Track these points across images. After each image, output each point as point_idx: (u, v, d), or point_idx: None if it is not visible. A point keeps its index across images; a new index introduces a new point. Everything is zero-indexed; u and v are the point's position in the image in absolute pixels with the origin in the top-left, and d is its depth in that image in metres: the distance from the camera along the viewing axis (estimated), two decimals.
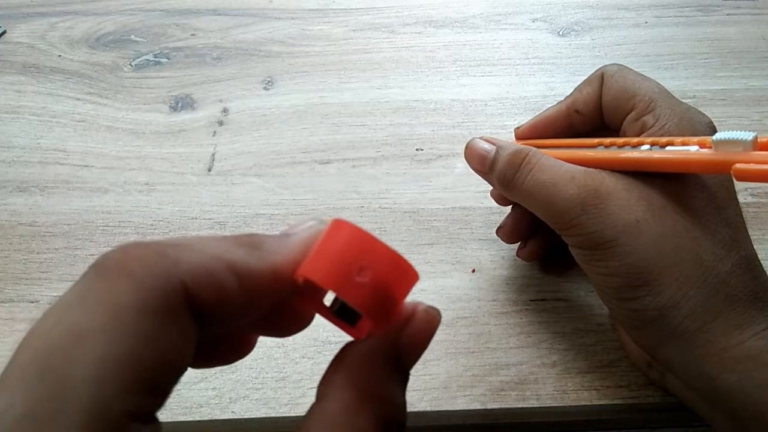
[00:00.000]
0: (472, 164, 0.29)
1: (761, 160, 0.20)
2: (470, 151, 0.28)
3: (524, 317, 0.31)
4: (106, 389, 0.12)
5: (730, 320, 0.23)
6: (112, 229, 0.36)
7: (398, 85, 0.44)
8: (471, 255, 0.34)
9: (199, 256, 0.14)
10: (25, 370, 0.13)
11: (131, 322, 0.13)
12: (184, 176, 0.39)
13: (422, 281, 0.33)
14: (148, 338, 0.13)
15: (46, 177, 0.39)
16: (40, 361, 0.13)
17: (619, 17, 0.49)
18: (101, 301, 0.13)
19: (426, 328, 0.17)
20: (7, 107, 0.43)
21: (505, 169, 0.26)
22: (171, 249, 0.14)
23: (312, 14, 0.50)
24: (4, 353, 0.30)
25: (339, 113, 0.42)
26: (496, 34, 0.48)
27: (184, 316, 0.14)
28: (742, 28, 0.47)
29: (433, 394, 0.28)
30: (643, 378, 0.29)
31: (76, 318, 0.13)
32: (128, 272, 0.13)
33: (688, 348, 0.23)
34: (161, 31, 0.49)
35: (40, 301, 0.32)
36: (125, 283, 0.13)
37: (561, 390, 0.28)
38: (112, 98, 0.44)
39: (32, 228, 0.36)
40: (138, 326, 0.13)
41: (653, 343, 0.24)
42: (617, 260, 0.24)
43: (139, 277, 0.13)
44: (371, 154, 0.39)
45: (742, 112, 0.41)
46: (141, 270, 0.13)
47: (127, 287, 0.13)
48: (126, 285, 0.13)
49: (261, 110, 0.43)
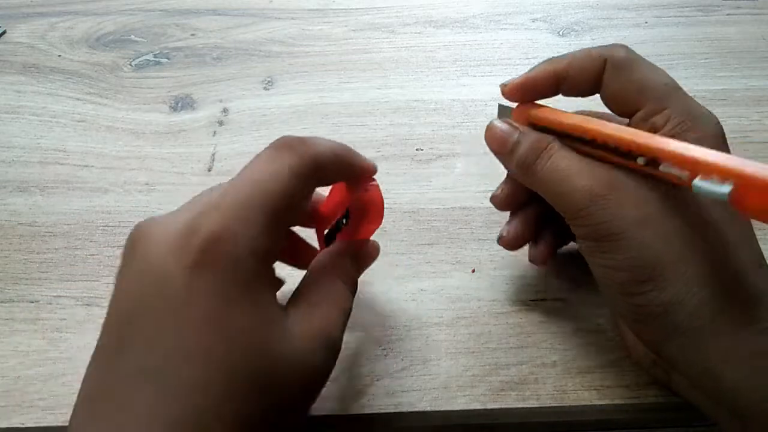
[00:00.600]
0: (493, 146, 0.28)
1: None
2: (491, 133, 0.28)
3: (524, 317, 0.31)
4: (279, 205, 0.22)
5: (736, 318, 0.23)
6: (112, 229, 0.36)
7: (398, 85, 0.44)
8: (471, 255, 0.34)
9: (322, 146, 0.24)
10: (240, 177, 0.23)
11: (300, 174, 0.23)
12: (184, 176, 0.39)
13: (422, 281, 0.33)
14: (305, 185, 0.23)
15: (46, 177, 0.39)
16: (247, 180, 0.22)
17: (619, 17, 0.49)
18: (275, 161, 0.23)
19: (373, 250, 0.29)
20: (7, 107, 0.43)
21: (527, 154, 0.26)
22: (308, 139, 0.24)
23: (312, 14, 0.50)
24: (4, 353, 0.30)
25: (339, 113, 0.42)
26: (496, 34, 0.48)
27: (314, 178, 0.24)
28: (742, 28, 0.47)
29: (433, 394, 0.28)
30: (643, 378, 0.29)
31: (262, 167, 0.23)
32: (293, 148, 0.23)
33: (692, 345, 0.23)
34: (161, 31, 0.49)
35: (40, 301, 0.32)
36: (298, 153, 0.23)
37: (561, 390, 0.28)
38: (112, 98, 0.44)
39: (32, 228, 0.36)
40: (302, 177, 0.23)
41: (657, 339, 0.24)
42: (623, 253, 0.23)
43: (306, 152, 0.23)
44: (371, 154, 0.39)
45: (742, 112, 0.41)
46: (305, 150, 0.23)
47: (299, 154, 0.23)
48: (297, 154, 0.23)
49: (261, 110, 0.43)
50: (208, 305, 0.20)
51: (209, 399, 0.19)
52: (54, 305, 0.32)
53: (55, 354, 0.30)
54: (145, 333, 0.20)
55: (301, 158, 0.23)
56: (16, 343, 0.31)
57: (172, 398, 0.19)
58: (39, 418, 0.28)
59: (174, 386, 0.19)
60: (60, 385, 0.29)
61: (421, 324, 0.31)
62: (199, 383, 0.19)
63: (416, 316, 0.31)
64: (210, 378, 0.20)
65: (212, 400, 0.19)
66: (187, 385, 0.19)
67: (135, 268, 0.21)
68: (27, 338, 0.31)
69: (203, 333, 0.20)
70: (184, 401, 0.19)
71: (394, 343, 0.30)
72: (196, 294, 0.20)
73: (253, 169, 0.23)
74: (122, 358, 0.20)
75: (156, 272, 0.21)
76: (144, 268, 0.21)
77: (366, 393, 0.28)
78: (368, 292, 0.32)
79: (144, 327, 0.20)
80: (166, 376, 0.19)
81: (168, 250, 0.21)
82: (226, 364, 0.20)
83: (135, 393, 0.19)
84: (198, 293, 0.20)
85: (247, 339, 0.20)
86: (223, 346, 0.20)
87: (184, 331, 0.20)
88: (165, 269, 0.20)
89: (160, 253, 0.21)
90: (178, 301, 0.20)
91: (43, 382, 0.29)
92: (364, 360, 0.30)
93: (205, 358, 0.20)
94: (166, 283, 0.20)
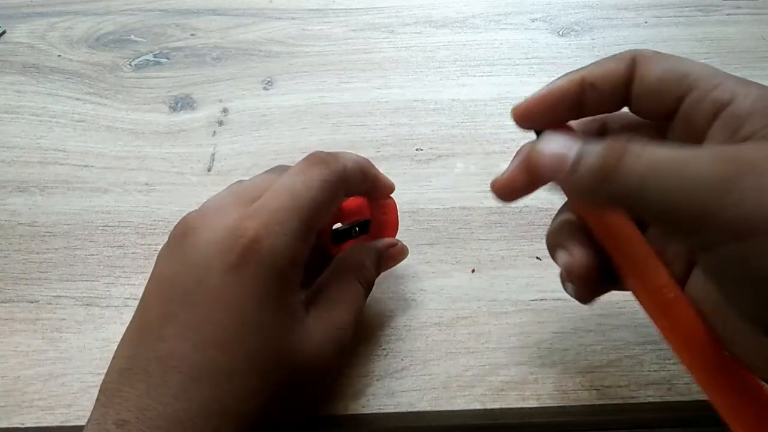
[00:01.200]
0: (545, 170, 0.21)
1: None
2: (538, 156, 0.21)
3: (524, 317, 0.31)
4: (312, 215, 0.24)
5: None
6: (111, 229, 0.36)
7: (398, 85, 0.44)
8: (471, 255, 0.34)
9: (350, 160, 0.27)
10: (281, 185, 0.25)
11: (331, 187, 0.25)
12: (184, 176, 0.39)
13: (422, 281, 0.33)
14: (334, 197, 0.26)
15: (45, 177, 0.39)
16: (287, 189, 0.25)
17: (619, 17, 0.49)
18: (307, 173, 0.25)
19: (399, 251, 0.31)
20: (6, 107, 0.43)
21: (602, 161, 0.19)
22: (337, 153, 0.27)
23: (312, 14, 0.50)
24: (3, 353, 0.30)
25: (339, 113, 0.42)
26: (496, 34, 0.48)
27: (342, 191, 0.26)
28: (742, 28, 0.47)
29: (432, 394, 0.28)
30: (643, 378, 0.29)
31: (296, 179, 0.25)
32: (324, 162, 0.26)
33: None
34: (161, 31, 0.49)
35: (40, 301, 0.32)
36: (332, 169, 0.26)
37: (561, 390, 0.28)
38: (111, 98, 0.44)
39: (32, 228, 0.36)
40: (333, 190, 0.26)
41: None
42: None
43: (337, 167, 0.26)
44: (371, 154, 0.39)
45: None
46: (336, 166, 0.26)
47: (332, 170, 0.26)
48: (331, 169, 0.26)
49: (261, 110, 0.43)
50: (243, 302, 0.23)
51: (237, 384, 0.22)
52: (54, 305, 0.32)
53: (54, 354, 0.30)
54: (182, 318, 0.23)
55: (331, 171, 0.26)
56: (15, 343, 0.31)
57: (205, 382, 0.22)
58: (38, 418, 0.28)
59: (207, 371, 0.22)
60: (59, 385, 0.29)
61: (421, 324, 0.31)
62: (229, 370, 0.22)
63: (416, 316, 0.31)
64: (239, 367, 0.22)
65: (239, 385, 0.22)
66: (219, 371, 0.22)
67: (181, 258, 0.24)
68: (26, 338, 0.31)
69: (235, 327, 0.23)
70: (215, 385, 0.22)
71: (394, 343, 0.30)
72: (234, 291, 0.23)
73: (288, 180, 0.25)
74: (159, 338, 0.23)
75: (200, 266, 0.23)
76: (190, 260, 0.24)
77: (366, 393, 0.28)
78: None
79: (182, 313, 0.23)
80: (199, 362, 0.22)
81: (215, 248, 0.23)
82: (256, 355, 0.23)
83: (167, 374, 0.22)
84: (235, 290, 0.23)
85: (275, 335, 0.23)
86: (254, 339, 0.23)
87: (219, 324, 0.22)
88: (209, 265, 0.23)
89: (207, 250, 0.24)
90: (215, 294, 0.23)
91: (42, 382, 0.29)
92: (364, 360, 0.30)
93: (238, 349, 0.22)
94: (208, 278, 0.23)
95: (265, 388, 0.23)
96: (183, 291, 0.23)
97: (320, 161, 0.26)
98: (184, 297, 0.23)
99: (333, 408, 0.28)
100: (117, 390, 0.22)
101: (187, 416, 0.21)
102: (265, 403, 0.23)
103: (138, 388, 0.22)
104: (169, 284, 0.24)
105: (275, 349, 0.23)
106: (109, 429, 0.21)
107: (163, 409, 0.21)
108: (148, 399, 0.21)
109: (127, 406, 0.21)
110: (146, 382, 0.22)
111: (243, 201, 0.25)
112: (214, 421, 0.22)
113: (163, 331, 0.23)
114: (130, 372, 0.22)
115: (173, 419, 0.21)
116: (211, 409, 0.22)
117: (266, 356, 0.23)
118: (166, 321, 0.23)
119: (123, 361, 0.23)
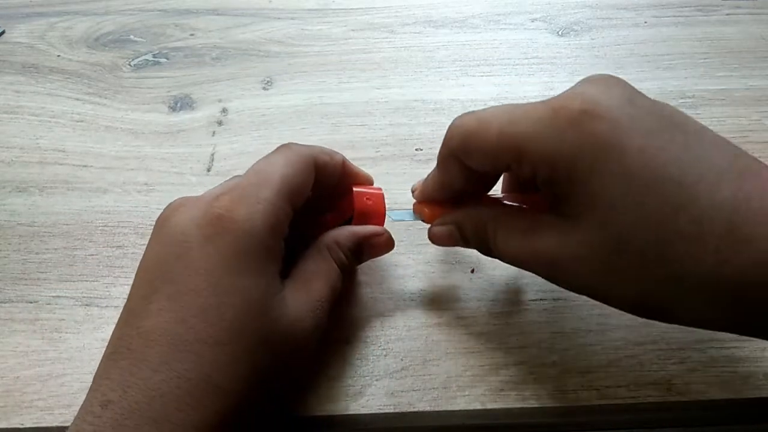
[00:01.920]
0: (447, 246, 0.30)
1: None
2: (436, 239, 0.29)
3: (524, 317, 0.31)
4: (282, 186, 0.26)
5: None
6: (111, 229, 0.36)
7: (398, 85, 0.44)
8: (471, 255, 0.34)
9: (319, 149, 0.29)
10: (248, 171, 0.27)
11: (298, 163, 0.27)
12: (184, 176, 0.39)
13: (422, 281, 0.33)
14: (304, 173, 0.27)
15: (45, 177, 0.39)
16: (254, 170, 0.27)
17: (619, 17, 0.49)
18: (274, 155, 0.28)
19: (384, 242, 0.30)
20: (6, 107, 0.43)
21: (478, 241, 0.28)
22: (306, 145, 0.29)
23: (311, 14, 0.50)
24: (3, 353, 0.30)
25: (338, 113, 0.42)
26: (496, 34, 0.48)
27: (312, 172, 0.28)
28: (742, 28, 0.47)
29: (432, 394, 0.28)
30: (643, 378, 0.29)
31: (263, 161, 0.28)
32: (287, 147, 0.28)
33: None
34: (160, 31, 0.49)
35: (39, 301, 0.32)
36: (295, 151, 0.28)
37: (561, 390, 0.28)
38: (111, 98, 0.44)
39: (31, 228, 0.36)
40: (300, 166, 0.27)
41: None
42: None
43: (303, 150, 0.28)
44: (371, 154, 0.39)
45: (741, 112, 0.41)
46: (301, 149, 0.28)
47: (295, 151, 0.28)
48: (294, 151, 0.28)
49: (260, 110, 0.43)
50: (221, 270, 0.23)
51: (218, 354, 0.22)
52: (53, 305, 0.32)
53: (54, 354, 0.30)
54: (164, 292, 0.23)
55: (293, 151, 0.28)
56: (15, 344, 0.31)
57: (185, 352, 0.22)
58: (38, 418, 0.28)
59: (187, 341, 0.22)
60: (59, 385, 0.29)
61: (421, 324, 0.31)
62: (210, 340, 0.22)
63: (416, 316, 0.31)
64: (220, 336, 0.22)
65: (220, 355, 0.22)
66: (199, 340, 0.22)
67: (162, 239, 0.25)
68: (26, 338, 0.31)
69: (214, 295, 0.23)
70: (196, 354, 0.22)
71: (394, 343, 0.30)
72: (212, 259, 0.23)
73: (257, 164, 0.27)
74: (142, 316, 0.23)
75: (180, 242, 0.24)
76: (170, 239, 0.24)
77: (365, 393, 0.28)
78: (368, 292, 0.32)
79: (163, 288, 0.23)
80: (179, 333, 0.22)
81: (193, 223, 0.24)
82: (236, 323, 0.23)
83: (148, 348, 0.22)
84: (213, 259, 0.23)
85: (254, 301, 0.24)
86: (233, 306, 0.23)
87: (199, 293, 0.23)
88: (188, 240, 0.24)
89: (186, 226, 0.24)
90: (195, 266, 0.23)
91: (42, 382, 0.29)
92: (364, 360, 0.30)
93: (217, 316, 0.23)
94: (188, 252, 0.24)
95: (246, 358, 0.23)
96: (164, 268, 0.24)
97: (286, 147, 0.28)
98: (164, 273, 0.24)
99: (333, 408, 0.28)
100: (104, 372, 0.22)
101: (167, 388, 0.21)
102: (247, 375, 0.23)
103: (121, 367, 0.22)
104: (151, 265, 0.25)
105: (255, 315, 0.23)
106: (95, 411, 0.21)
107: (144, 384, 0.21)
108: (129, 376, 0.21)
109: (111, 386, 0.22)
110: (128, 359, 0.22)
111: (222, 187, 0.27)
112: (196, 393, 0.21)
113: (147, 308, 0.23)
114: (116, 354, 0.23)
115: (154, 392, 0.21)
116: (192, 379, 0.21)
117: (247, 323, 0.23)
118: (149, 299, 0.23)
119: (110, 345, 0.24)
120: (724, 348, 0.29)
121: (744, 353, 0.29)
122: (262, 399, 0.24)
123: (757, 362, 0.29)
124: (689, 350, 0.29)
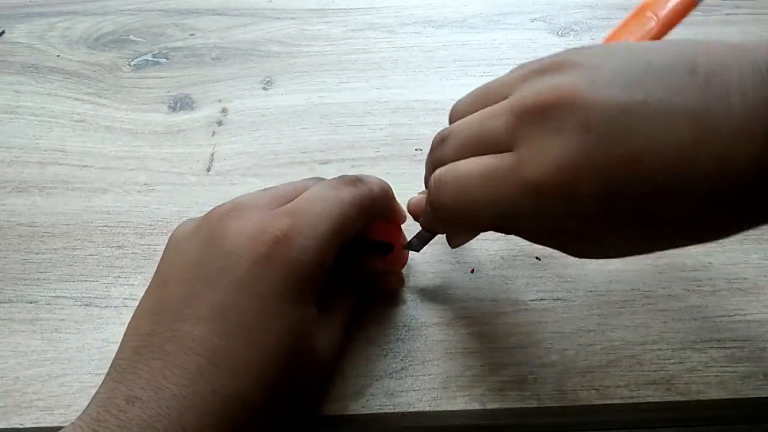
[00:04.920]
0: (415, 211, 0.30)
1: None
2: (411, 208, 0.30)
3: (524, 317, 0.31)
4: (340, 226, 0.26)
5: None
6: (111, 229, 0.36)
7: (397, 85, 0.44)
8: (470, 255, 0.34)
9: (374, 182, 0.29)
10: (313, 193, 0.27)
11: (360, 208, 0.27)
12: (183, 176, 0.39)
13: (422, 281, 0.33)
14: (360, 218, 0.27)
15: (44, 177, 0.39)
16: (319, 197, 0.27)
17: (619, 17, 0.49)
18: (338, 189, 0.27)
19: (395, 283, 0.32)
20: (5, 107, 0.43)
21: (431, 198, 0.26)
22: (364, 177, 0.29)
23: (311, 14, 0.50)
24: (2, 354, 0.30)
25: (338, 113, 0.42)
26: (495, 34, 0.48)
27: (366, 215, 0.28)
28: (742, 28, 0.47)
29: (432, 394, 0.28)
30: (643, 378, 0.29)
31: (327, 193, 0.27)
32: (355, 184, 0.28)
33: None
34: (160, 31, 0.49)
35: (39, 301, 0.32)
36: (353, 188, 0.27)
37: (561, 390, 0.28)
38: (111, 98, 0.44)
39: (31, 228, 0.36)
40: (359, 212, 0.27)
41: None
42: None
43: (366, 192, 0.28)
44: (370, 154, 0.39)
45: None
46: (365, 191, 0.28)
47: (363, 192, 0.28)
48: (361, 191, 0.28)
49: (260, 110, 0.43)
50: (268, 294, 0.23)
51: (255, 374, 0.23)
52: (53, 305, 0.32)
53: (53, 354, 0.30)
54: (205, 301, 0.23)
55: (361, 192, 0.27)
56: (14, 344, 0.31)
57: (223, 368, 0.22)
58: (37, 418, 0.28)
59: (227, 358, 0.22)
60: (59, 385, 0.29)
61: (421, 324, 0.31)
62: (249, 360, 0.23)
63: (416, 316, 0.31)
64: (258, 357, 0.23)
65: (257, 376, 0.23)
66: (238, 358, 0.22)
67: (210, 243, 0.25)
68: (26, 338, 0.31)
69: (259, 317, 0.23)
70: (233, 372, 0.22)
71: (394, 343, 0.30)
72: (260, 281, 0.23)
73: (322, 190, 0.27)
74: (179, 317, 0.23)
75: (230, 253, 0.24)
76: (219, 247, 0.24)
77: (365, 393, 0.28)
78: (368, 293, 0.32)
79: (204, 295, 0.23)
80: (220, 347, 0.22)
81: (246, 238, 0.24)
82: (275, 348, 0.23)
83: (185, 355, 0.22)
84: (262, 281, 0.23)
85: (295, 330, 0.24)
86: (275, 332, 0.23)
87: (243, 312, 0.23)
88: (239, 253, 0.24)
89: (238, 239, 0.24)
90: (242, 283, 0.23)
91: (42, 382, 0.29)
92: (363, 360, 0.30)
93: (259, 339, 0.23)
94: (237, 266, 0.24)
95: (279, 382, 0.23)
96: (209, 274, 0.24)
97: (351, 182, 0.28)
98: (209, 280, 0.23)
99: (333, 408, 0.28)
100: (130, 366, 0.22)
101: (203, 401, 0.21)
102: (276, 397, 0.23)
103: (152, 366, 0.22)
104: (193, 266, 0.24)
105: (295, 342, 0.24)
106: (119, 404, 0.21)
107: (177, 390, 0.21)
108: (162, 378, 0.21)
109: (139, 383, 0.21)
110: (162, 361, 0.22)
111: (277, 200, 0.27)
112: (229, 410, 0.22)
113: (184, 311, 0.23)
114: (145, 350, 0.22)
115: (188, 402, 0.21)
116: (228, 396, 0.22)
117: (285, 349, 0.24)
118: (188, 302, 0.23)
119: (138, 338, 0.23)
120: (724, 348, 0.29)
121: (744, 353, 0.29)
122: (284, 418, 0.25)
123: (757, 362, 0.29)
124: (689, 350, 0.29)
